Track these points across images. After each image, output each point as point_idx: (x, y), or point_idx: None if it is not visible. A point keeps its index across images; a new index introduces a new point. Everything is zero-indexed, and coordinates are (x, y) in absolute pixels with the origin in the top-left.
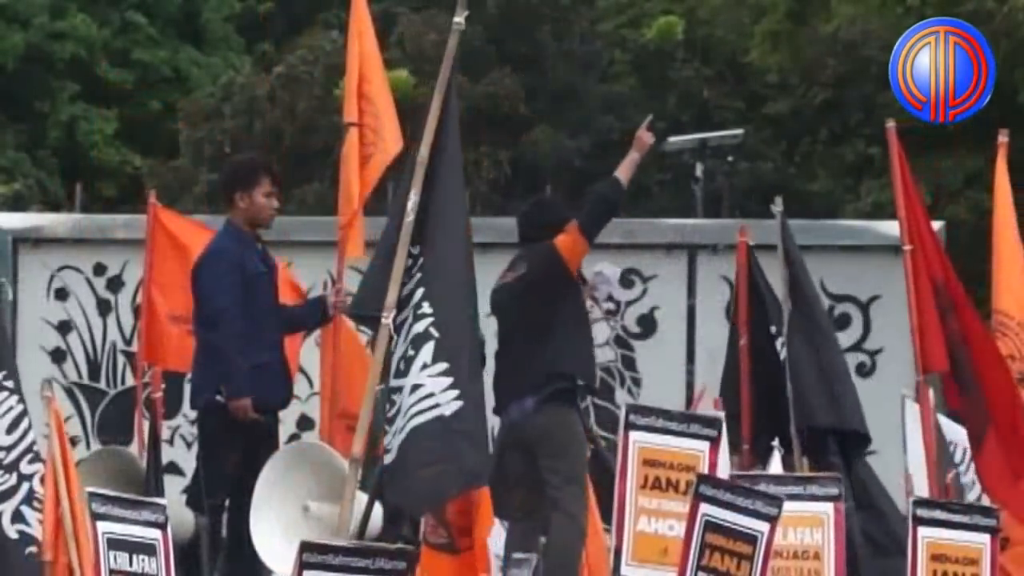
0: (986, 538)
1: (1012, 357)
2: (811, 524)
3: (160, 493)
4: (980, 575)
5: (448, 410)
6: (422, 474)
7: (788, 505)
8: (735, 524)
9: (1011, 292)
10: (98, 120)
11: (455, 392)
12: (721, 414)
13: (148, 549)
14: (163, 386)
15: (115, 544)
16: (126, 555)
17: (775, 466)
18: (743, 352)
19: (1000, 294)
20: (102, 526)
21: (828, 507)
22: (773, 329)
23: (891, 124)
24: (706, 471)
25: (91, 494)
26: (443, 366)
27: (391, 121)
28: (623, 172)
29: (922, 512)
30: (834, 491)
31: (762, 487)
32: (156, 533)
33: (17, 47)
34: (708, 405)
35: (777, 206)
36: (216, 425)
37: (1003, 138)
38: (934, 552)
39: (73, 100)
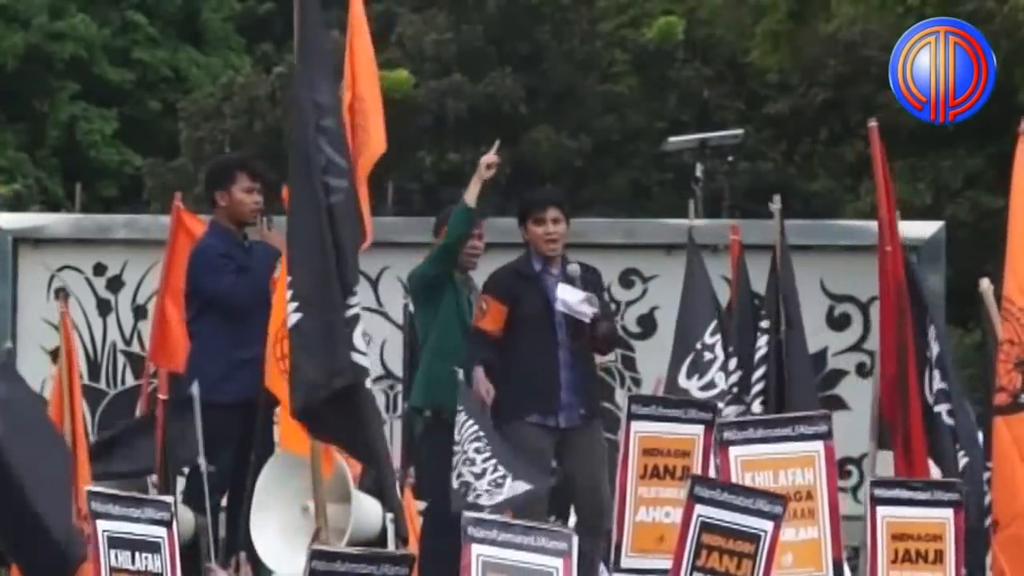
0: (948, 512)
1: (1012, 342)
2: (802, 464)
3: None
4: (944, 550)
5: (291, 322)
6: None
7: (778, 447)
8: (734, 524)
9: (1016, 277)
10: (98, 120)
11: (295, 304)
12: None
13: (152, 547)
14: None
15: (116, 542)
16: (128, 553)
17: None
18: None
19: (1008, 280)
20: (102, 524)
21: (818, 445)
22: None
23: (873, 123)
24: (700, 454)
25: (90, 492)
26: (288, 279)
27: (377, 121)
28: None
29: (880, 492)
30: (823, 428)
31: (751, 432)
32: (161, 531)
33: (17, 47)
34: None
35: (776, 204)
36: (209, 424)
37: None
38: (894, 531)
39: (73, 100)
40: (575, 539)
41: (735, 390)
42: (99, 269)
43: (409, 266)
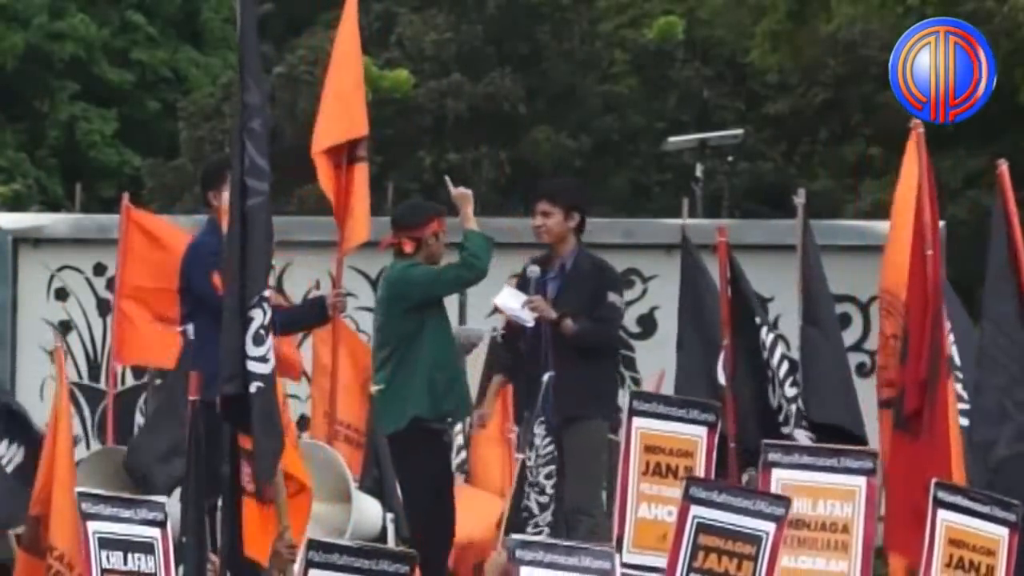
0: (1004, 531)
1: (895, 336)
2: (842, 497)
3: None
4: (996, 566)
5: None
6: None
7: (820, 476)
8: (733, 525)
9: (895, 271)
10: (98, 120)
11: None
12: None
13: (145, 547)
14: (157, 382)
15: (107, 543)
16: (120, 554)
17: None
18: (727, 352)
19: (887, 272)
20: (92, 525)
21: (861, 480)
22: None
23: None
24: (703, 456)
25: (80, 494)
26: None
27: (353, 111)
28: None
29: (943, 495)
30: (868, 465)
31: (796, 457)
32: (155, 531)
33: (17, 47)
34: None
35: (800, 198)
36: (204, 425)
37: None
38: (952, 536)
39: (73, 100)
40: (616, 556)
41: None
42: (99, 269)
43: None
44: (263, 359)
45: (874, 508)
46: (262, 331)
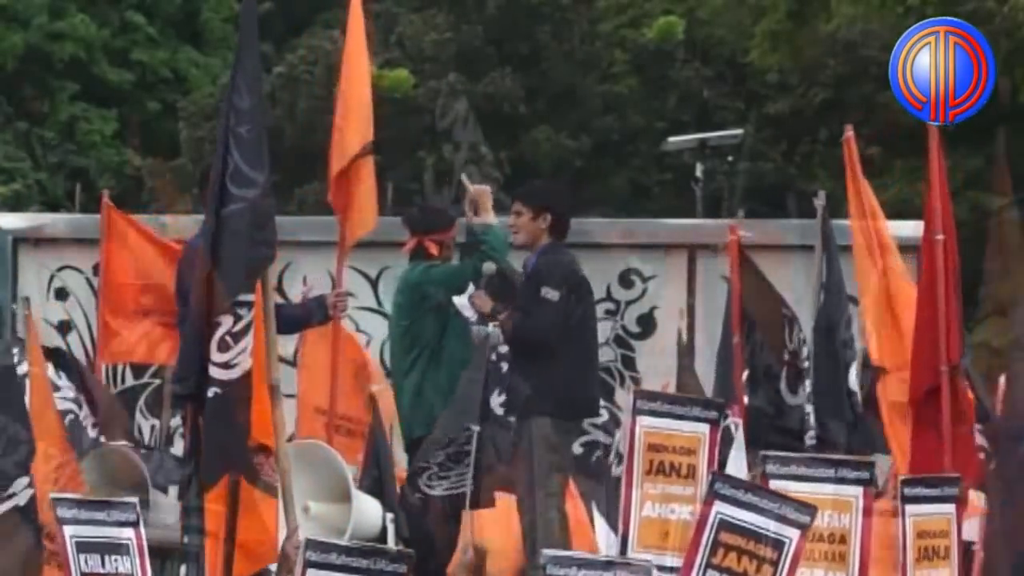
0: (951, 508)
1: None
2: (840, 508)
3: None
4: (950, 546)
5: None
6: None
7: (818, 487)
8: (756, 526)
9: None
10: (98, 120)
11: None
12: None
13: (121, 549)
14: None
15: (84, 547)
16: (97, 557)
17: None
18: (737, 350)
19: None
20: (69, 530)
21: (858, 491)
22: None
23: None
24: (706, 453)
25: (55, 499)
26: None
27: (362, 118)
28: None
29: (909, 491)
30: (865, 475)
31: (793, 468)
32: (128, 532)
33: (17, 47)
34: None
35: (820, 199)
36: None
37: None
38: (919, 530)
39: (73, 100)
40: (653, 570)
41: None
42: (99, 269)
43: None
44: (227, 365)
45: (871, 518)
46: (228, 338)
